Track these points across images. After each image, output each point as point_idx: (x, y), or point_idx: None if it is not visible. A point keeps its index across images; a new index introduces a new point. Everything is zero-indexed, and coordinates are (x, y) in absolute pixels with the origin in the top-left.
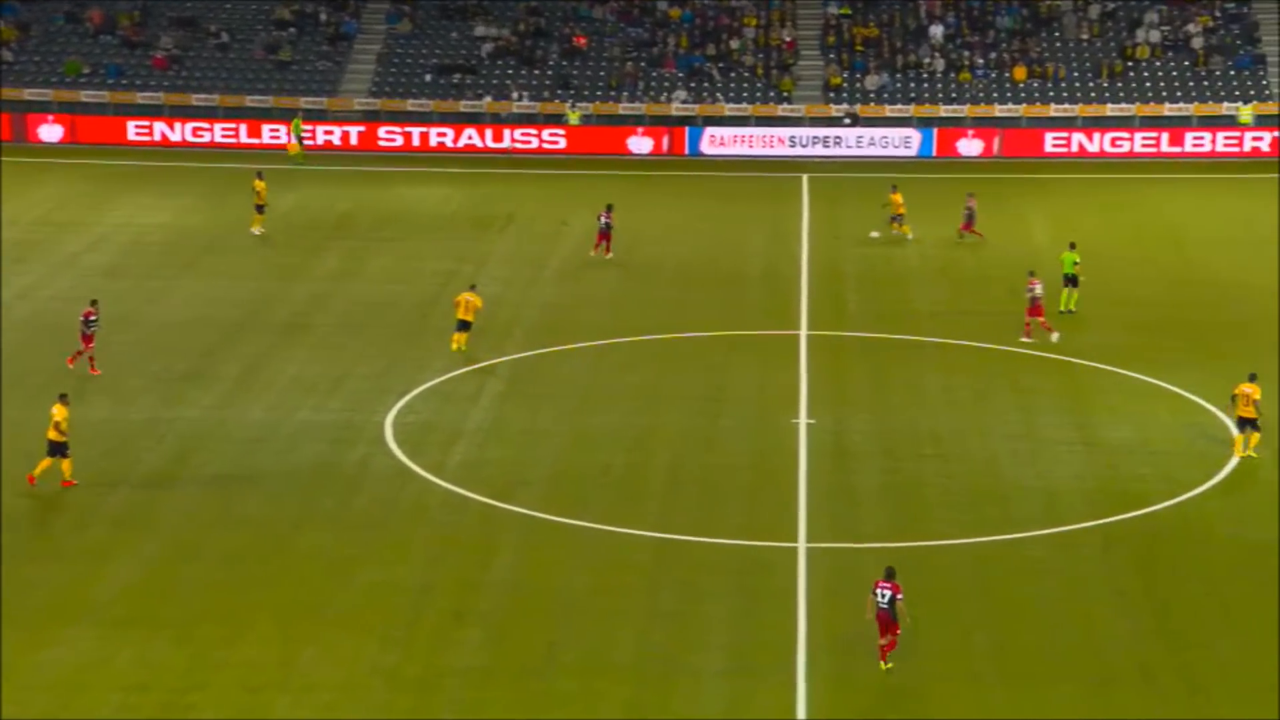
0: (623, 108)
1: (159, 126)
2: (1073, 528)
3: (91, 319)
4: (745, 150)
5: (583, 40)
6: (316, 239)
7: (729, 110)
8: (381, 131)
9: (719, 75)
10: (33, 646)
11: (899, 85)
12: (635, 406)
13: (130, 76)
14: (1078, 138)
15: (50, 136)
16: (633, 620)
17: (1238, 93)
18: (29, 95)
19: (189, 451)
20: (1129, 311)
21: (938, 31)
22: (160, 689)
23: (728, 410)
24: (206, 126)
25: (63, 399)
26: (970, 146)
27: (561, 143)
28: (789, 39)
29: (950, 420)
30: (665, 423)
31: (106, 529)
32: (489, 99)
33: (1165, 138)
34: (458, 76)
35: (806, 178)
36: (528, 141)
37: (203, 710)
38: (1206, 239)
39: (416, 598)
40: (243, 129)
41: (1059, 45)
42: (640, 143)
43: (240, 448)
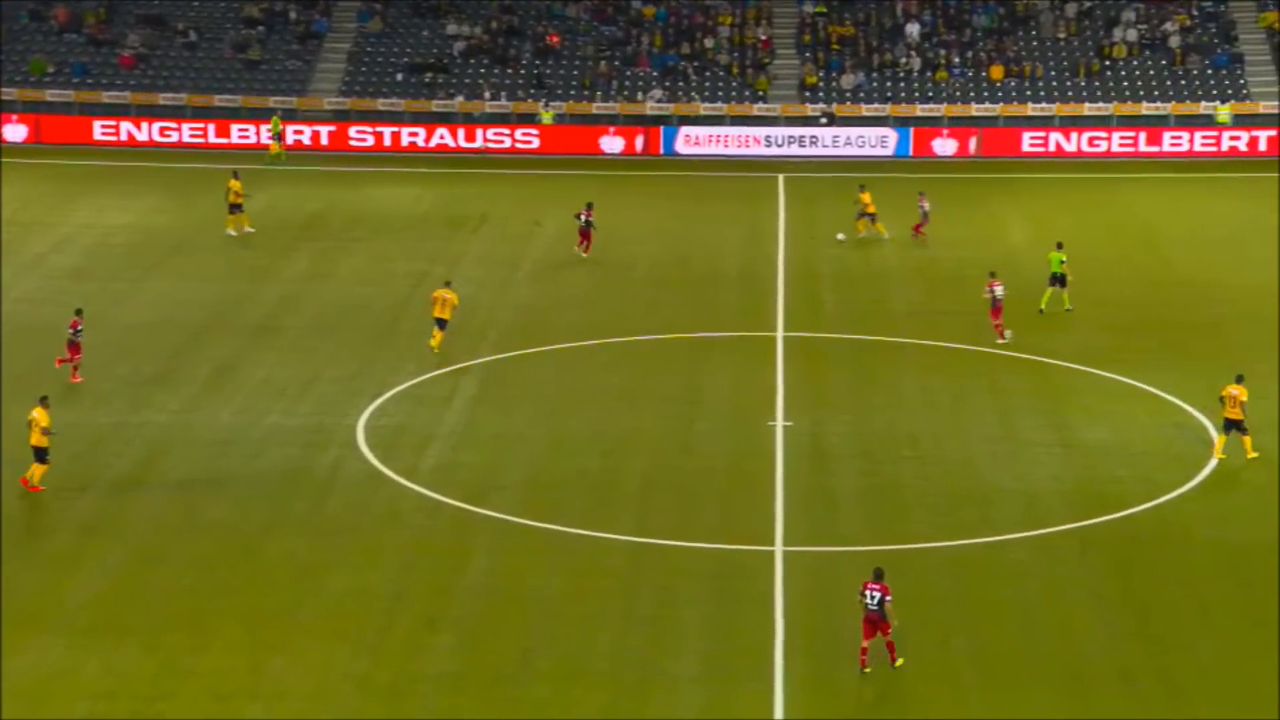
0: (597, 107)
1: (125, 126)
2: (1051, 530)
3: (79, 329)
4: (720, 150)
5: (556, 39)
6: (286, 240)
7: (704, 110)
8: (352, 131)
9: (694, 74)
10: None
11: (875, 84)
12: (610, 409)
13: (96, 75)
14: (1055, 137)
15: (14, 136)
16: (608, 625)
17: (1215, 92)
18: None
19: (157, 456)
20: (1106, 312)
21: (914, 30)
22: (128, 697)
23: (704, 413)
24: (174, 126)
25: (43, 402)
26: (946, 146)
27: (535, 142)
28: (764, 37)
29: (928, 422)
30: (641, 425)
31: (73, 535)
32: (461, 98)
33: (1143, 137)
34: (429, 75)
35: (782, 178)
36: (500, 141)
37: (172, 718)
38: (1183, 239)
39: (389, 603)
40: (211, 129)
41: (1036, 44)
42: (612, 142)
43: (209, 452)
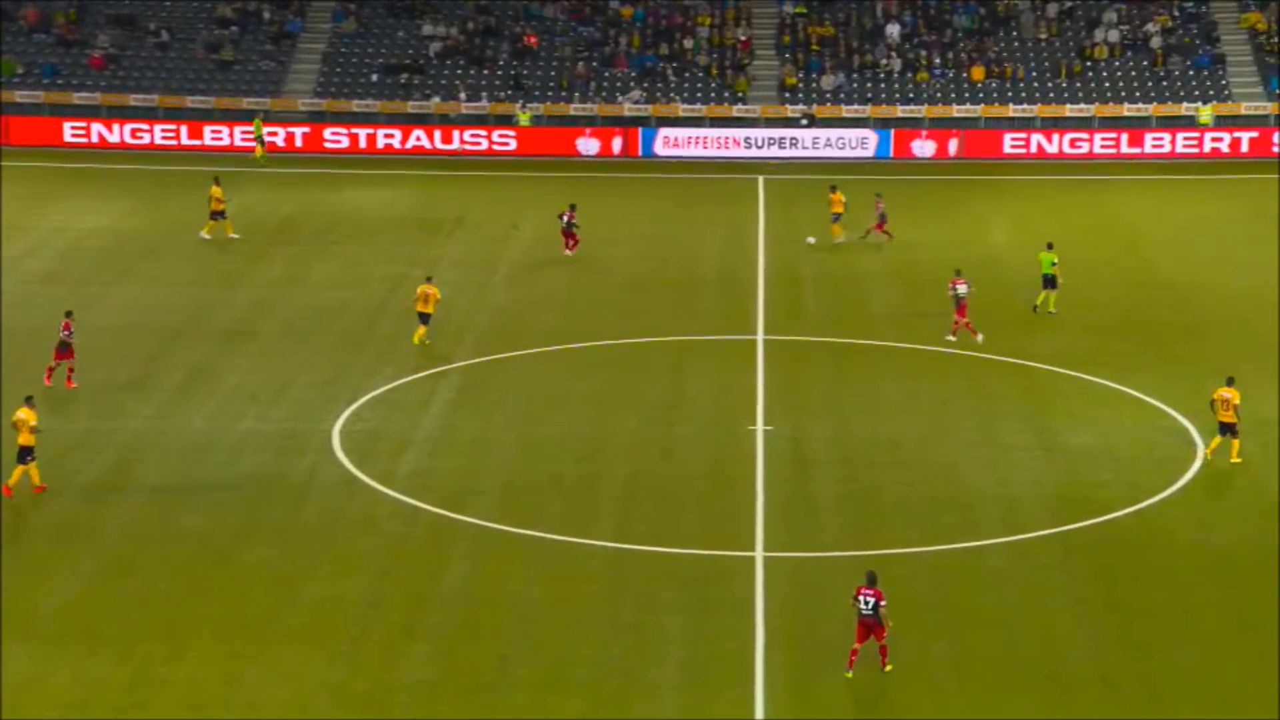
0: (575, 108)
1: (96, 128)
2: (1033, 535)
3: (70, 331)
4: (700, 151)
5: (533, 39)
6: (260, 243)
7: (683, 111)
8: (327, 133)
9: (673, 75)
10: None
11: (855, 85)
12: (589, 414)
13: (66, 76)
14: (1036, 138)
15: None
16: (588, 632)
17: (1197, 93)
18: None
19: (129, 462)
20: (1088, 314)
21: (894, 31)
22: (101, 707)
23: (684, 417)
24: (146, 128)
25: (28, 402)
26: (927, 147)
27: (512, 144)
28: (744, 38)
29: (909, 427)
30: (620, 430)
31: (45, 542)
32: (437, 100)
33: (1124, 138)
34: (405, 76)
35: (762, 179)
36: (477, 143)
37: None
38: (1165, 240)
39: (365, 611)
40: (183, 130)
41: (1017, 45)
42: (589, 144)
43: (183, 458)
